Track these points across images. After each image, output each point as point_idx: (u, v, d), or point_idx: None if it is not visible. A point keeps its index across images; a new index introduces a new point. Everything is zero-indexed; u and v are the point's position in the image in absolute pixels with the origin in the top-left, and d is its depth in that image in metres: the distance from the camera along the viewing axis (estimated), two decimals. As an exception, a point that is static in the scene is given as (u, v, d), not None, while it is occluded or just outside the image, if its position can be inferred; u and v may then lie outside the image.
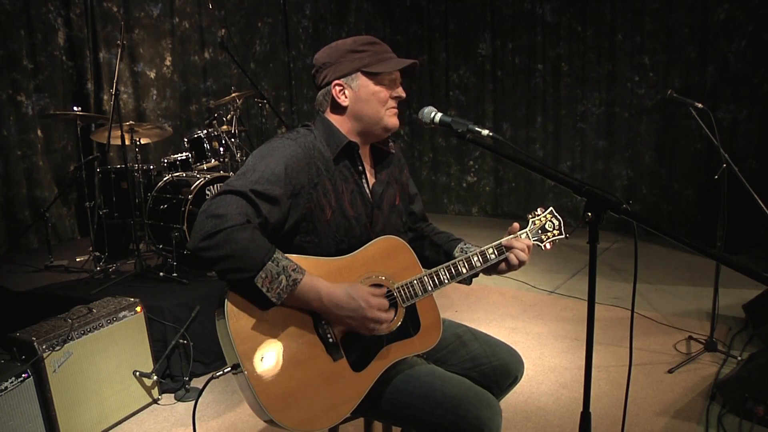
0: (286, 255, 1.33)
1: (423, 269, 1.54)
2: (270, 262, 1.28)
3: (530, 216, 1.66)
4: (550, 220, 1.66)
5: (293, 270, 1.31)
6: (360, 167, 1.55)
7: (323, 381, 1.36)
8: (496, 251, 1.57)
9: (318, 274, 1.37)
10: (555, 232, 1.66)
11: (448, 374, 1.48)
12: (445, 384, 1.43)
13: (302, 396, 1.32)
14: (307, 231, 1.45)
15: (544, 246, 1.65)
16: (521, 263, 1.57)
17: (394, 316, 1.47)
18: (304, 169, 1.42)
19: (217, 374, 1.37)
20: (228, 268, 1.27)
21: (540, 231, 1.65)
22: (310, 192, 1.43)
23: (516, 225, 1.62)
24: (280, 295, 1.30)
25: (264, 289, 1.28)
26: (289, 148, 1.42)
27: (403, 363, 1.50)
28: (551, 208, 1.68)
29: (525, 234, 1.63)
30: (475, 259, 1.55)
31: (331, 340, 1.39)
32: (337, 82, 1.50)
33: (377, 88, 1.50)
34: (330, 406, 1.36)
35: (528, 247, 1.59)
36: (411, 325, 1.49)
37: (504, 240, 1.59)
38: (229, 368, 1.33)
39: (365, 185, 1.56)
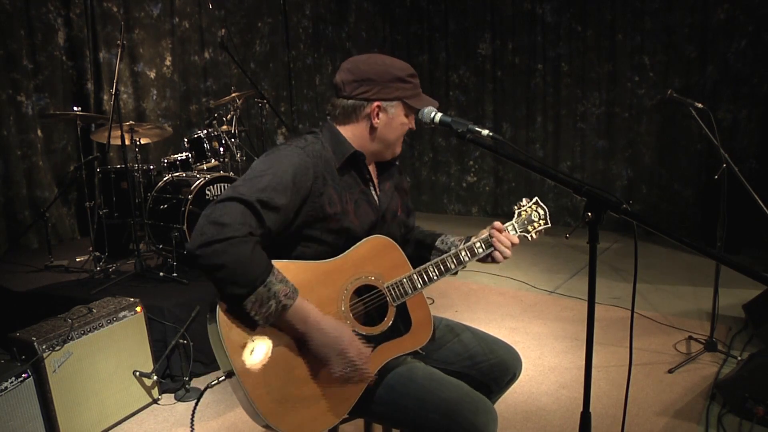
0: (280, 275, 1.31)
1: (412, 267, 1.55)
2: (262, 287, 1.27)
3: (516, 207, 1.68)
4: (536, 210, 1.68)
5: (284, 295, 1.29)
6: (367, 176, 1.56)
7: (318, 384, 1.36)
8: (483, 245, 1.60)
9: (306, 278, 1.38)
10: (541, 222, 1.69)
11: (446, 378, 1.48)
12: (442, 388, 1.43)
13: (298, 400, 1.33)
14: (310, 237, 1.46)
15: (531, 236, 1.67)
16: (505, 258, 1.61)
17: (385, 320, 1.47)
18: (310, 178, 1.42)
19: (213, 383, 1.37)
20: (221, 279, 1.27)
21: (526, 222, 1.67)
22: (314, 200, 1.43)
23: (498, 223, 1.63)
24: (268, 320, 1.30)
25: (252, 313, 1.28)
26: (297, 156, 1.42)
27: (401, 365, 1.50)
28: (536, 198, 1.70)
29: (511, 226, 1.65)
30: (463, 254, 1.58)
31: None
32: (378, 103, 1.50)
33: (406, 120, 1.55)
34: (326, 408, 1.36)
35: (513, 243, 1.61)
36: (402, 323, 1.50)
37: (491, 234, 1.60)
38: (224, 377, 1.33)
39: (373, 193, 1.57)
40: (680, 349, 3.04)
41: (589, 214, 1.16)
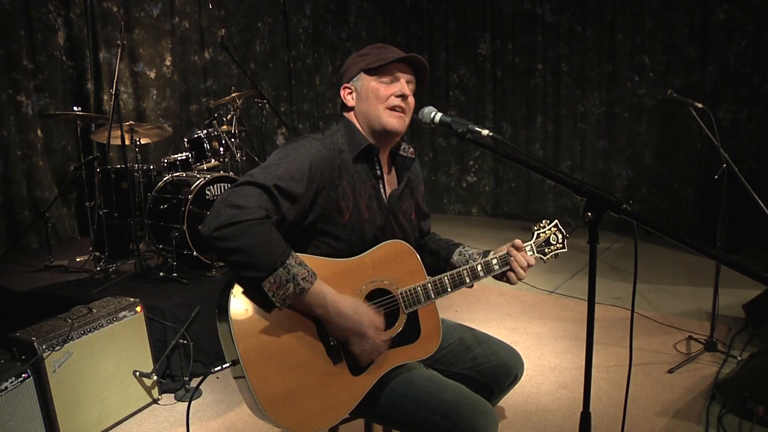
0: (299, 259, 1.32)
1: (427, 276, 1.54)
2: (281, 268, 1.28)
3: (535, 228, 1.67)
4: (554, 234, 1.68)
5: (303, 278, 1.30)
6: (378, 171, 1.56)
7: (322, 383, 1.36)
8: (500, 263, 1.59)
9: (325, 275, 1.37)
10: (558, 245, 1.68)
11: (445, 380, 1.48)
12: (442, 390, 1.43)
13: (300, 397, 1.33)
14: (323, 232, 1.46)
15: (545, 259, 1.67)
16: (520, 279, 1.61)
17: (395, 325, 1.47)
18: (327, 170, 1.43)
19: (215, 369, 1.37)
20: (239, 262, 1.27)
21: (544, 244, 1.66)
22: (329, 193, 1.44)
23: (518, 241, 1.62)
24: (285, 301, 1.30)
25: (270, 294, 1.28)
26: (315, 147, 1.44)
27: (402, 366, 1.50)
28: (556, 221, 1.69)
29: (529, 246, 1.64)
30: (479, 268, 1.57)
31: (332, 342, 1.39)
32: (345, 85, 1.56)
33: (376, 85, 1.51)
34: (327, 408, 1.36)
35: (530, 264, 1.61)
36: (411, 331, 1.49)
37: (509, 252, 1.59)
38: (228, 363, 1.33)
39: (382, 190, 1.57)
40: (680, 349, 3.04)
41: (589, 214, 1.16)
